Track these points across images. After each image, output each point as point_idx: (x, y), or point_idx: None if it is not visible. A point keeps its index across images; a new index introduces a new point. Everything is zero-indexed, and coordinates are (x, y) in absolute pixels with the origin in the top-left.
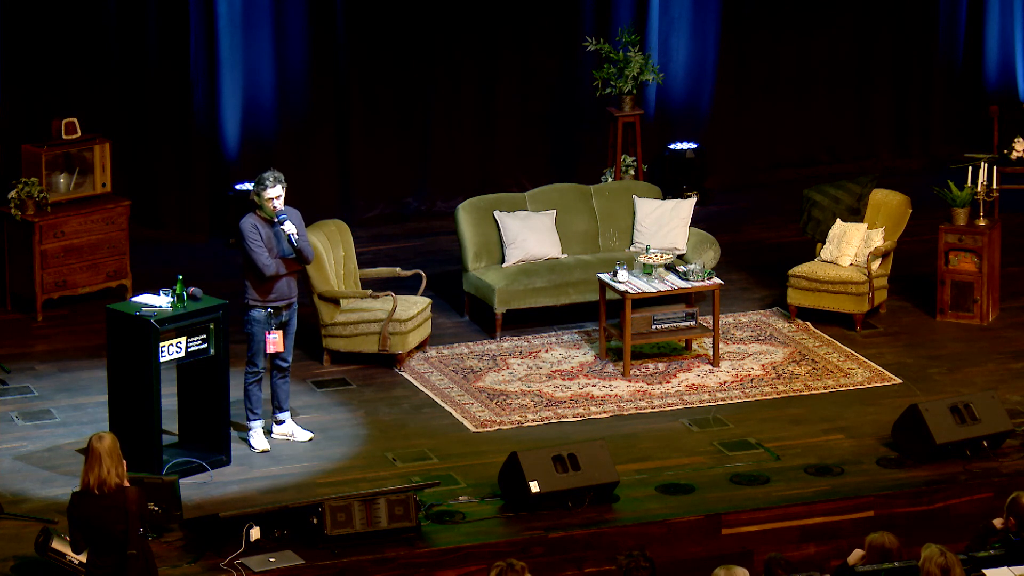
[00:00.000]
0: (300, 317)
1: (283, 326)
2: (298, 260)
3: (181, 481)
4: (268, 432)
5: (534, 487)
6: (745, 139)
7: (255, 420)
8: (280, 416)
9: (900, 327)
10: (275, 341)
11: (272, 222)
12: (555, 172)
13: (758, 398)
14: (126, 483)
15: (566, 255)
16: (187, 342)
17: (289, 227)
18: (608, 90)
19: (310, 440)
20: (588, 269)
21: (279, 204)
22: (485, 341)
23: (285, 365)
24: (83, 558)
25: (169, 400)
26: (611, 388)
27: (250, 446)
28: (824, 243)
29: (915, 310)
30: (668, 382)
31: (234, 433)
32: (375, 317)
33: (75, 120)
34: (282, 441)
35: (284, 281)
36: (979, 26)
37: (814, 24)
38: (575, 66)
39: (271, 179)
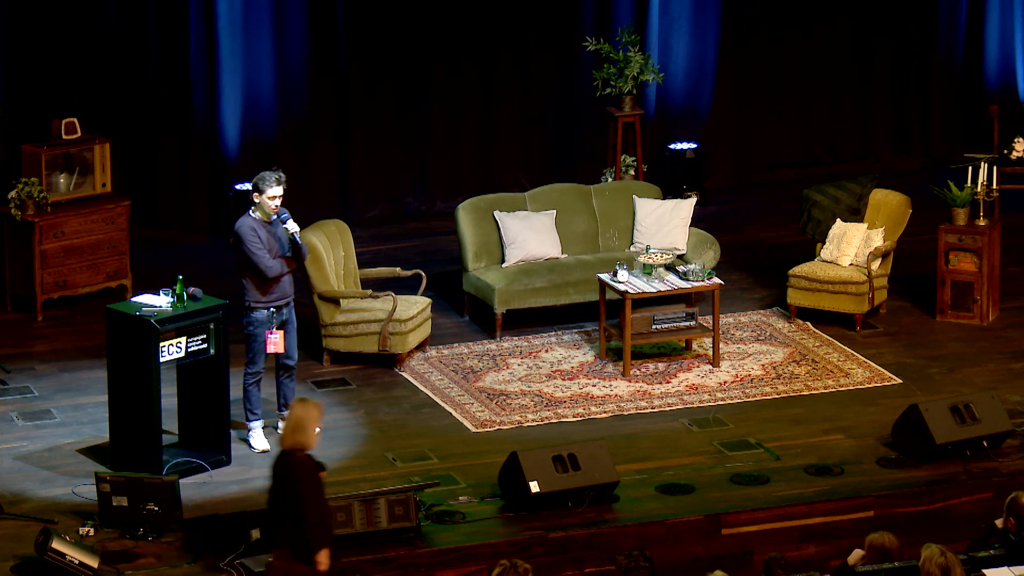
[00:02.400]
0: (300, 317)
1: (283, 324)
2: (295, 258)
3: (181, 481)
4: (275, 428)
5: (534, 487)
6: (745, 139)
7: (255, 420)
8: (285, 413)
9: (900, 327)
10: (276, 341)
11: (269, 222)
12: (555, 172)
13: (758, 398)
14: (304, 450)
15: (566, 255)
16: (187, 342)
17: (292, 225)
18: (608, 90)
19: None
20: (588, 269)
21: (279, 203)
22: (485, 341)
23: (291, 364)
24: (84, 557)
25: (169, 400)
26: (611, 388)
27: (250, 446)
28: (824, 243)
29: (915, 310)
30: (668, 382)
31: (234, 433)
32: (375, 317)
33: (75, 120)
34: None
35: (284, 280)
36: (979, 26)
37: (814, 24)
38: (575, 66)
39: (274, 178)
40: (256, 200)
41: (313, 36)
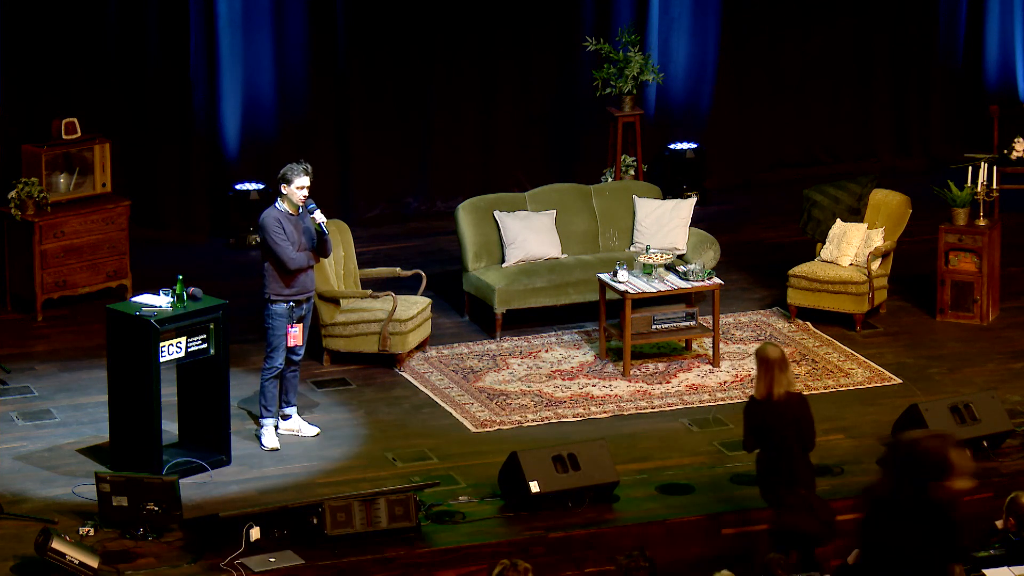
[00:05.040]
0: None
1: (301, 319)
2: (319, 252)
3: (181, 481)
4: (275, 427)
5: (534, 487)
6: (745, 139)
7: (268, 417)
8: (287, 411)
9: (900, 327)
10: (295, 335)
11: (293, 215)
12: (555, 172)
13: None
14: (793, 389)
15: (566, 255)
16: (187, 342)
17: (320, 216)
18: (608, 90)
19: (317, 435)
20: (588, 269)
21: (306, 194)
22: (485, 341)
23: (297, 359)
24: (84, 557)
25: (169, 400)
26: (611, 388)
27: (261, 443)
28: (824, 243)
29: (915, 310)
30: (668, 382)
31: (240, 430)
32: (375, 317)
33: (75, 120)
34: (289, 436)
35: (306, 274)
36: (979, 26)
37: (814, 24)
38: (575, 66)
39: (301, 169)
40: (283, 191)
41: (313, 36)
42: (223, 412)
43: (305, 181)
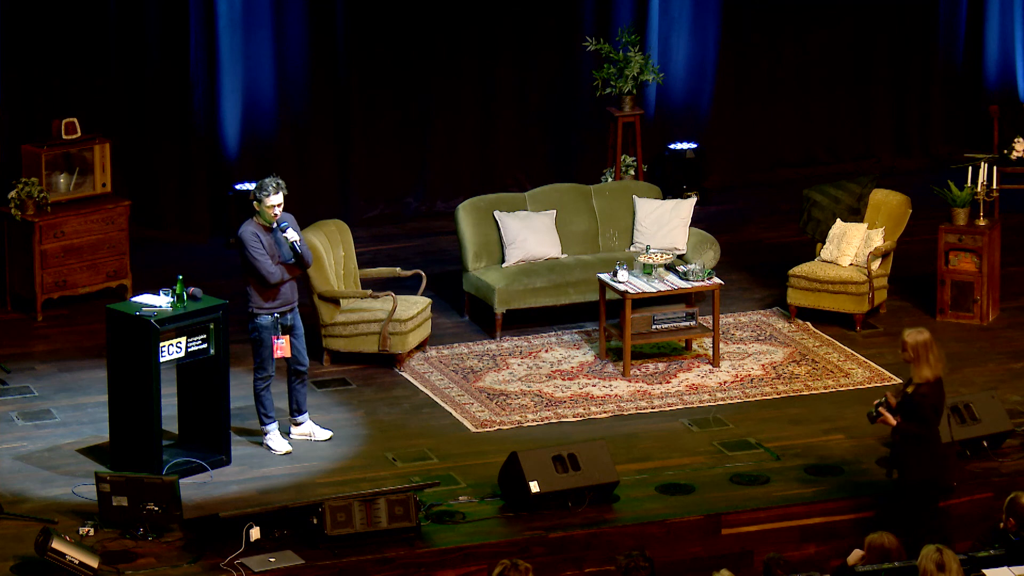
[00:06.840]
0: (300, 317)
1: (288, 329)
2: (298, 265)
3: (181, 481)
4: (284, 433)
5: (534, 487)
6: (745, 139)
7: (270, 423)
8: (299, 418)
9: (900, 327)
10: (282, 346)
11: (272, 228)
12: (555, 172)
13: (758, 398)
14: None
15: (566, 255)
16: (187, 342)
17: (292, 235)
18: (608, 90)
19: (329, 439)
20: (588, 269)
21: (279, 211)
22: (485, 341)
23: (303, 369)
24: (84, 557)
25: (169, 400)
26: (611, 388)
27: (271, 450)
28: (824, 243)
29: (915, 310)
30: (668, 382)
31: (243, 437)
32: (375, 317)
33: (75, 120)
34: (302, 441)
35: (287, 286)
36: (979, 26)
37: (814, 24)
38: (575, 66)
39: (273, 186)
40: (257, 208)
41: (313, 36)
42: (223, 412)
43: (277, 199)
